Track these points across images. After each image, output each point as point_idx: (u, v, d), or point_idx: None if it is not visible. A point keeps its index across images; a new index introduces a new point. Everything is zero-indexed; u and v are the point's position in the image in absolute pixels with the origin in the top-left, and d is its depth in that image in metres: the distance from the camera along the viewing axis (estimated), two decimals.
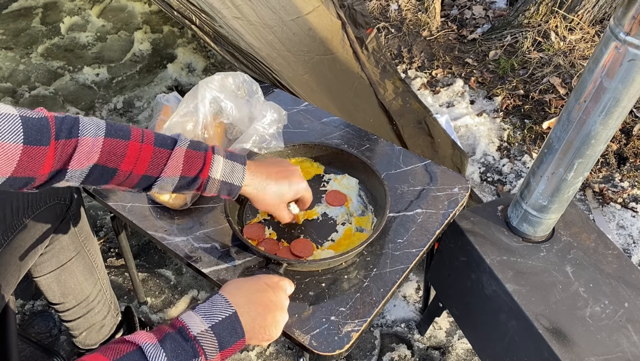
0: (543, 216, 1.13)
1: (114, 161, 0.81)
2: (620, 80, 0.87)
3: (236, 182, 0.91)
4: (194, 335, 0.68)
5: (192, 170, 0.87)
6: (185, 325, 0.69)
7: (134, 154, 0.82)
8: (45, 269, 1.20)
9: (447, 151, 1.94)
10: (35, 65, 2.73)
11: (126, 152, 0.82)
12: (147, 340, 0.66)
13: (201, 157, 0.88)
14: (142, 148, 0.83)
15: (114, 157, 0.81)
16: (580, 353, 0.99)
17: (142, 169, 0.84)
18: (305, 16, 1.79)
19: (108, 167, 0.81)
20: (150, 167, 0.84)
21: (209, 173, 0.88)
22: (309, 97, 1.60)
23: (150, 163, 0.84)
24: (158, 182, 0.86)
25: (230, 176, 0.90)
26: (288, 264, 1.02)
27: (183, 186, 0.88)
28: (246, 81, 1.26)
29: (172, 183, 0.87)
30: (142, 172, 0.84)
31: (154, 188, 0.87)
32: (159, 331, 0.69)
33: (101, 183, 0.84)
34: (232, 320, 0.72)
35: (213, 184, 0.89)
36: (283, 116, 1.25)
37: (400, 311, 1.70)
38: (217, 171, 0.89)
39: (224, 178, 0.90)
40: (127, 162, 0.82)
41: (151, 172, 0.85)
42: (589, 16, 2.72)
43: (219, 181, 0.89)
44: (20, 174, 0.73)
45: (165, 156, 0.85)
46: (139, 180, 0.85)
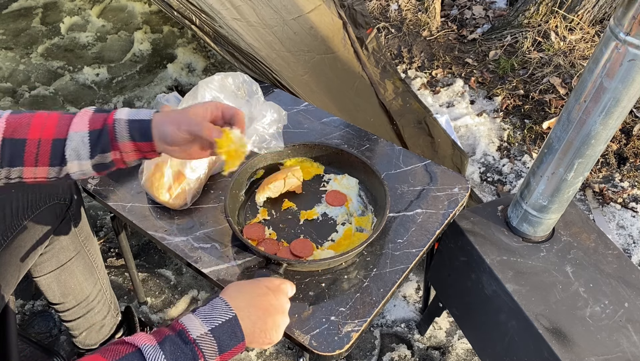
0: (543, 216, 1.13)
1: (20, 132, 0.82)
2: (620, 80, 0.87)
3: (144, 116, 0.85)
4: (193, 338, 0.68)
5: (98, 123, 0.84)
6: (185, 327, 0.69)
7: (39, 122, 0.83)
8: (45, 269, 1.20)
9: (447, 151, 1.95)
10: (35, 65, 2.73)
11: (31, 121, 0.82)
12: (146, 342, 0.66)
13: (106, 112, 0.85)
14: (48, 117, 0.84)
15: (20, 127, 0.82)
16: (580, 353, 0.99)
17: (49, 134, 0.83)
18: (306, 15, 1.79)
19: (16, 139, 0.81)
20: (58, 130, 0.83)
21: (114, 116, 0.84)
22: (309, 97, 1.60)
23: (57, 126, 0.83)
24: (68, 143, 0.83)
25: (138, 114, 0.85)
26: (288, 265, 1.02)
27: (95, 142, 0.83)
28: (246, 81, 1.26)
29: (83, 142, 0.83)
30: (51, 137, 0.83)
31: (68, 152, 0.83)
32: (158, 333, 0.69)
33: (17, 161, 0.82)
34: (232, 323, 0.72)
35: (121, 126, 0.83)
36: (283, 116, 1.25)
37: (400, 311, 1.70)
38: (122, 113, 0.85)
39: (130, 117, 0.84)
40: (34, 130, 0.82)
41: (59, 134, 0.83)
42: (589, 16, 2.72)
43: (125, 120, 0.84)
44: None
45: (70, 118, 0.84)
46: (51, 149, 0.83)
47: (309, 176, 1.26)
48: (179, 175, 1.15)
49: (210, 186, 1.24)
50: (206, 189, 1.23)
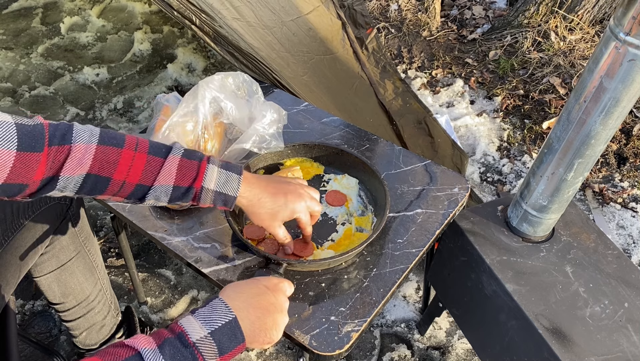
0: (543, 216, 1.13)
1: (106, 170, 0.81)
2: (620, 80, 0.87)
3: (230, 192, 0.89)
4: (193, 341, 0.68)
5: (185, 180, 0.85)
6: (184, 330, 0.69)
7: (126, 162, 0.82)
8: (45, 269, 1.20)
9: (447, 151, 1.95)
10: (35, 65, 2.73)
11: (119, 160, 0.81)
12: (146, 345, 0.65)
13: (195, 166, 0.86)
14: (135, 156, 0.83)
15: (107, 165, 0.81)
16: (580, 353, 0.99)
17: (135, 178, 0.83)
18: (305, 16, 1.79)
19: (101, 177, 0.81)
20: (144, 176, 0.83)
21: (202, 183, 0.86)
22: (309, 97, 1.60)
23: (143, 172, 0.83)
24: (151, 192, 0.85)
25: (225, 186, 0.88)
26: (288, 264, 1.02)
27: (177, 197, 0.87)
28: (246, 81, 1.26)
29: (165, 193, 0.86)
30: (136, 182, 0.83)
31: (148, 198, 0.85)
32: (158, 335, 0.68)
33: (96, 192, 0.83)
34: (232, 325, 0.71)
35: (207, 194, 0.87)
36: (283, 116, 1.25)
37: (400, 311, 1.70)
38: (210, 181, 0.87)
39: (217, 188, 0.88)
40: (120, 170, 0.82)
41: (144, 181, 0.84)
42: (589, 16, 2.72)
43: (212, 191, 0.87)
44: (13, 181, 0.73)
45: (158, 165, 0.84)
46: (133, 190, 0.84)
47: (309, 176, 1.26)
48: None
49: None
50: None
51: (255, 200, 0.92)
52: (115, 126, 2.38)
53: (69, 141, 0.78)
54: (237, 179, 0.89)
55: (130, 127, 2.38)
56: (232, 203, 0.90)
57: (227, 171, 0.89)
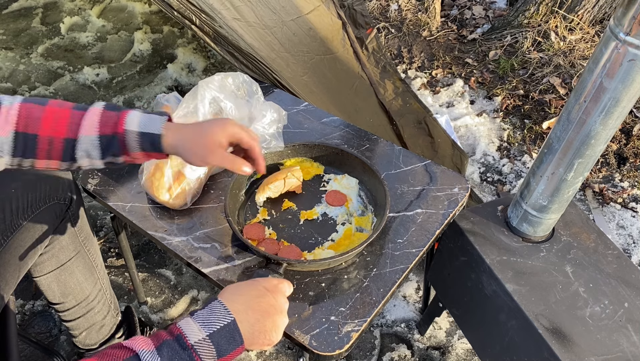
0: (543, 216, 1.13)
1: (32, 126, 0.83)
2: (620, 80, 0.87)
3: (155, 130, 0.86)
4: (191, 343, 0.67)
5: (107, 127, 0.85)
6: (182, 332, 0.68)
7: (50, 116, 0.84)
8: (45, 269, 1.20)
9: (447, 151, 1.95)
10: (35, 65, 2.73)
11: (42, 115, 0.84)
12: (144, 347, 0.65)
13: (116, 113, 0.87)
14: (59, 111, 0.85)
15: (31, 121, 0.83)
16: (580, 353, 0.99)
17: (60, 132, 0.85)
18: (305, 16, 1.79)
19: (28, 134, 0.83)
20: (69, 130, 0.85)
21: (125, 125, 0.85)
22: (308, 97, 1.60)
23: (68, 125, 0.85)
24: (78, 145, 0.85)
25: (148, 125, 0.86)
26: (288, 264, 1.02)
27: (106, 147, 0.86)
28: (246, 81, 1.26)
29: (93, 145, 0.85)
30: (62, 136, 0.85)
31: (78, 153, 0.86)
32: (156, 337, 0.68)
33: (30, 154, 0.85)
34: (230, 327, 0.71)
35: (131, 137, 0.86)
36: (283, 116, 1.25)
37: (400, 311, 1.70)
38: (132, 123, 0.86)
39: (140, 129, 0.86)
40: (45, 125, 0.84)
41: (70, 134, 0.85)
42: (589, 16, 2.72)
43: (136, 132, 0.86)
44: None
45: (80, 116, 0.86)
46: (62, 146, 0.85)
47: (309, 176, 1.26)
48: (179, 175, 1.15)
49: (210, 186, 1.24)
50: (206, 189, 1.23)
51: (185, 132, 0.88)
52: None
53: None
54: (159, 119, 0.88)
55: None
56: (159, 143, 0.87)
57: (149, 114, 0.88)
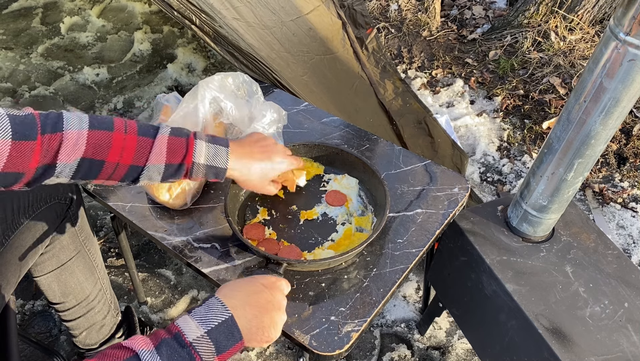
0: (543, 216, 1.13)
1: (100, 153, 0.84)
2: (620, 80, 0.87)
3: (220, 165, 0.93)
4: (189, 341, 0.68)
5: (176, 157, 0.89)
6: (181, 330, 0.69)
7: (118, 144, 0.85)
8: (45, 269, 1.20)
9: (447, 151, 1.95)
10: (35, 65, 2.73)
11: (111, 143, 0.84)
12: (143, 346, 0.66)
13: (183, 143, 0.90)
14: (126, 138, 0.86)
15: (100, 149, 0.84)
16: (580, 353, 0.99)
17: (128, 159, 0.86)
18: (305, 16, 1.79)
19: (95, 160, 0.84)
20: (136, 157, 0.87)
21: (193, 158, 0.90)
22: (308, 97, 1.60)
23: (135, 153, 0.86)
24: (144, 172, 0.88)
25: (214, 159, 0.92)
26: (288, 264, 1.02)
27: (170, 174, 0.90)
28: (246, 81, 1.26)
29: (158, 172, 0.89)
30: (129, 163, 0.86)
31: (142, 178, 0.89)
32: (155, 336, 0.68)
33: (90, 177, 0.85)
34: (228, 324, 0.71)
35: (198, 168, 0.91)
36: (283, 116, 1.25)
37: (400, 311, 1.70)
38: (200, 156, 0.91)
39: (208, 162, 0.92)
40: (113, 153, 0.85)
41: (137, 162, 0.87)
42: (589, 16, 2.72)
43: (203, 165, 0.91)
44: (10, 170, 0.76)
45: (149, 145, 0.87)
46: (127, 171, 0.87)
47: (309, 176, 1.26)
48: None
49: (210, 186, 1.24)
50: (206, 189, 1.23)
51: (244, 170, 0.98)
52: None
53: (61, 128, 0.81)
54: (225, 151, 0.93)
55: None
56: (223, 175, 0.94)
57: (214, 145, 0.93)
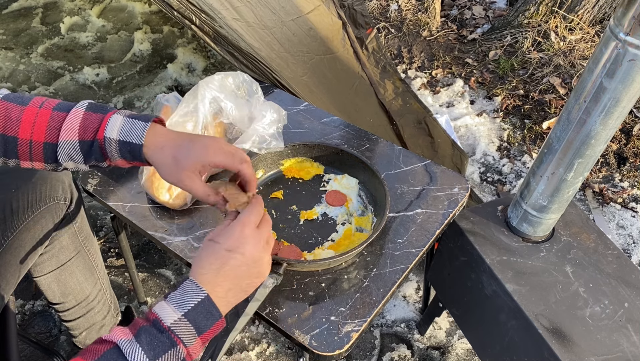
0: (543, 216, 1.13)
1: (10, 128, 0.79)
2: (620, 80, 0.87)
3: (135, 139, 0.80)
4: (167, 325, 0.67)
5: (88, 132, 0.80)
6: (158, 316, 0.68)
7: (29, 119, 0.80)
8: (45, 269, 1.20)
9: (447, 151, 1.95)
10: (35, 65, 2.73)
11: (21, 117, 0.80)
12: (122, 336, 0.65)
13: (99, 118, 0.81)
14: (38, 113, 0.80)
15: (10, 122, 0.79)
16: (580, 353, 0.99)
17: (40, 136, 0.80)
18: (305, 16, 1.79)
19: (7, 136, 0.80)
20: (48, 134, 0.80)
21: (105, 133, 0.80)
22: (308, 98, 1.60)
23: (47, 129, 0.80)
24: (60, 150, 0.81)
25: (130, 133, 0.80)
26: (288, 264, 1.02)
27: (87, 153, 0.82)
28: (246, 80, 1.26)
29: (75, 149, 0.81)
30: (42, 140, 0.80)
31: (60, 158, 0.82)
32: (133, 325, 0.68)
33: (11, 155, 0.82)
34: (205, 303, 0.70)
35: (111, 145, 0.80)
36: (283, 116, 1.25)
37: (400, 311, 1.70)
38: (113, 130, 0.80)
39: (120, 137, 0.80)
40: (24, 128, 0.80)
41: (49, 138, 0.80)
42: (589, 16, 2.72)
43: (115, 140, 0.80)
44: None
45: (60, 120, 0.81)
46: (42, 150, 0.81)
47: (309, 176, 1.26)
48: None
49: None
50: None
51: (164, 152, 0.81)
52: None
53: None
54: (142, 126, 0.80)
55: None
56: (139, 153, 0.80)
57: (132, 119, 0.81)
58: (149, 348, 0.65)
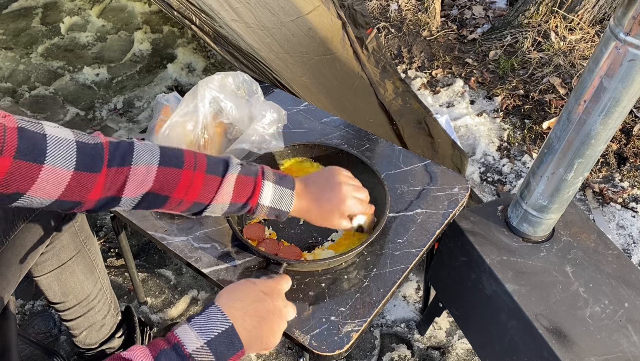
0: (543, 216, 1.13)
1: (166, 190, 0.82)
2: (620, 80, 0.87)
3: (284, 208, 0.92)
4: (189, 352, 0.67)
5: (241, 197, 0.88)
6: (180, 341, 0.68)
7: (185, 182, 0.83)
8: (45, 269, 1.20)
9: (447, 151, 1.95)
10: (35, 65, 2.73)
11: (179, 180, 0.83)
12: (142, 357, 0.65)
13: (251, 183, 0.89)
14: (194, 176, 0.84)
15: (167, 185, 0.82)
16: (580, 353, 0.99)
17: (193, 196, 0.85)
18: (305, 16, 1.79)
19: (160, 195, 0.82)
20: (201, 195, 0.85)
21: (258, 200, 0.90)
22: (308, 98, 1.60)
23: (201, 191, 0.85)
24: (209, 208, 0.87)
25: (279, 202, 0.91)
26: (288, 264, 1.02)
27: (233, 211, 0.90)
28: (246, 80, 1.26)
29: (222, 209, 0.89)
30: (193, 200, 0.85)
31: (205, 213, 0.88)
32: (153, 346, 0.68)
33: (152, 207, 0.85)
34: (229, 333, 0.71)
35: (262, 209, 0.91)
36: (283, 116, 1.25)
37: (400, 311, 1.70)
38: (266, 198, 0.90)
39: (272, 205, 0.91)
40: (179, 190, 0.83)
41: (202, 199, 0.86)
42: (589, 16, 2.72)
43: (267, 207, 0.91)
44: (67, 198, 0.75)
45: (216, 184, 0.86)
46: (190, 206, 0.86)
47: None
48: None
49: None
50: None
51: (304, 212, 0.95)
52: (115, 126, 2.38)
53: (129, 162, 0.79)
54: (290, 195, 0.92)
55: (130, 127, 2.38)
56: (285, 217, 0.94)
57: (281, 187, 0.92)
58: None
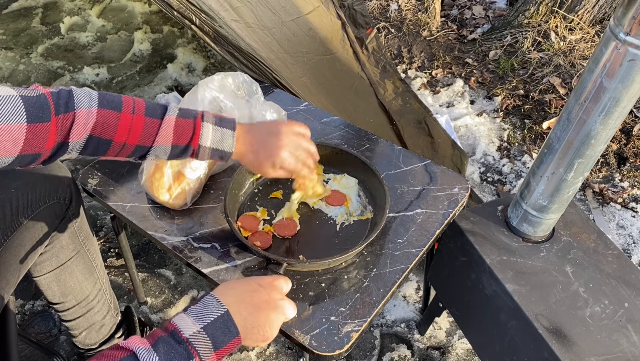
0: (543, 216, 1.13)
1: (107, 133, 0.86)
2: (620, 80, 0.87)
3: (226, 148, 0.94)
4: (186, 336, 0.68)
5: (182, 139, 0.91)
6: (177, 327, 0.69)
7: (125, 125, 0.87)
8: (45, 269, 1.20)
9: (447, 151, 1.95)
10: (35, 65, 2.73)
11: (118, 123, 0.86)
12: (140, 345, 0.66)
13: (190, 125, 0.91)
14: (133, 119, 0.88)
15: (107, 128, 0.85)
16: (580, 353, 0.99)
17: (134, 139, 0.88)
18: (305, 16, 1.79)
19: (102, 139, 0.86)
20: (143, 138, 0.89)
21: (199, 141, 0.92)
22: (308, 98, 1.60)
23: (142, 134, 0.88)
24: (151, 151, 0.91)
25: (220, 143, 0.94)
26: (288, 264, 1.02)
27: (176, 154, 0.92)
28: (246, 81, 1.26)
29: (164, 152, 0.91)
30: (135, 143, 0.89)
31: (149, 156, 0.92)
32: (152, 335, 0.69)
33: (98, 154, 0.88)
34: (224, 319, 0.72)
35: (204, 151, 0.93)
36: (283, 116, 1.25)
37: (400, 311, 1.70)
38: (207, 139, 0.92)
39: (214, 145, 0.93)
40: (120, 133, 0.87)
41: (144, 142, 0.89)
42: (589, 16, 2.72)
43: (209, 148, 0.93)
44: (27, 152, 0.78)
45: (155, 126, 0.89)
46: (134, 150, 0.90)
47: None
48: (179, 175, 1.15)
49: (210, 186, 1.24)
50: (206, 189, 1.23)
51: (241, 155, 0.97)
52: None
53: (72, 107, 0.83)
54: (231, 135, 0.94)
55: None
56: (228, 157, 0.96)
57: (221, 128, 0.94)
58: (166, 358, 0.65)
